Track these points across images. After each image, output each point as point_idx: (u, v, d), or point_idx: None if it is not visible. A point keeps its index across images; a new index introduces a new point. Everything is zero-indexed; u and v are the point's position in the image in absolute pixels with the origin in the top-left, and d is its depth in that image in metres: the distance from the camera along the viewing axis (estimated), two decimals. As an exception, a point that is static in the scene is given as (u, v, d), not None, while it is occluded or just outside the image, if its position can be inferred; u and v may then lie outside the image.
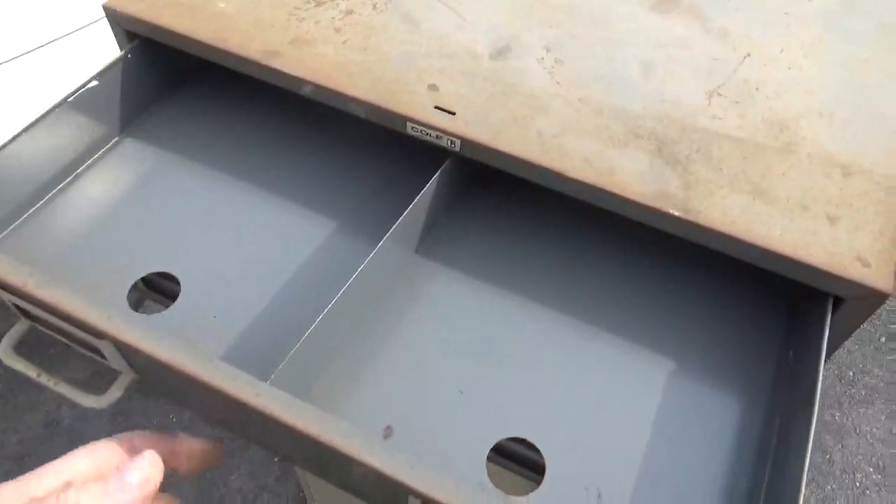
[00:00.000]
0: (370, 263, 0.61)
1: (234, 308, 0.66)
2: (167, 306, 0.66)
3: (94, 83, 0.73)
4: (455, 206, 0.75)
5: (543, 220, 0.75)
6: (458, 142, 0.65)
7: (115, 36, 0.79)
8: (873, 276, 0.55)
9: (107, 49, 0.80)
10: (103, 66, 0.74)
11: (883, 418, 2.16)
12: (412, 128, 0.67)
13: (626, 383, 0.63)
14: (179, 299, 0.66)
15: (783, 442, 0.56)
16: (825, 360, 0.57)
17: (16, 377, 2.06)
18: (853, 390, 2.20)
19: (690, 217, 0.59)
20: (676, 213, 0.60)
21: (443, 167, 0.67)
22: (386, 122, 0.68)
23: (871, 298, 0.55)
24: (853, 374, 2.23)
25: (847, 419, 2.15)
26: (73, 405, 1.63)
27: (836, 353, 2.35)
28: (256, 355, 0.62)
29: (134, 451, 0.43)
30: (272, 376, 0.53)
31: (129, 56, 0.76)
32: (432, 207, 0.70)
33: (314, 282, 0.67)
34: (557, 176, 0.63)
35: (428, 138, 0.67)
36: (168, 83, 0.84)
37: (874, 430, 2.14)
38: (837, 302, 0.58)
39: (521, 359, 0.64)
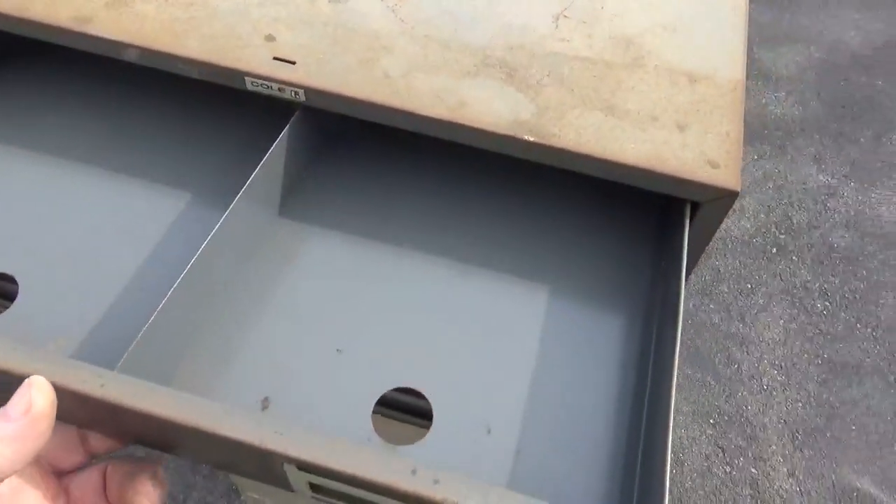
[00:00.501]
0: (221, 229, 0.57)
1: (82, 302, 0.61)
2: (5, 307, 0.60)
3: None
4: (314, 161, 0.72)
5: (405, 164, 0.73)
6: (301, 92, 0.62)
7: None
8: (723, 177, 0.56)
9: None
10: None
11: (781, 322, 2.30)
12: (252, 83, 0.63)
13: (506, 317, 0.62)
14: (18, 299, 0.60)
15: (658, 351, 0.57)
16: (692, 266, 0.58)
17: None
18: (752, 300, 2.33)
19: (545, 141, 0.58)
20: (531, 139, 0.59)
21: (291, 121, 0.63)
22: (223, 80, 0.64)
23: (724, 199, 0.57)
24: (751, 286, 2.35)
25: (751, 330, 2.27)
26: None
27: (735, 267, 2.46)
28: (109, 347, 0.57)
29: None
30: (119, 363, 0.49)
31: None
32: (289, 165, 0.66)
33: (165, 260, 0.63)
34: (409, 115, 0.60)
35: (270, 92, 0.63)
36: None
37: (774, 335, 2.28)
38: (695, 207, 0.59)
39: (399, 307, 0.62)
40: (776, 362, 2.19)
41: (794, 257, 2.42)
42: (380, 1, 0.69)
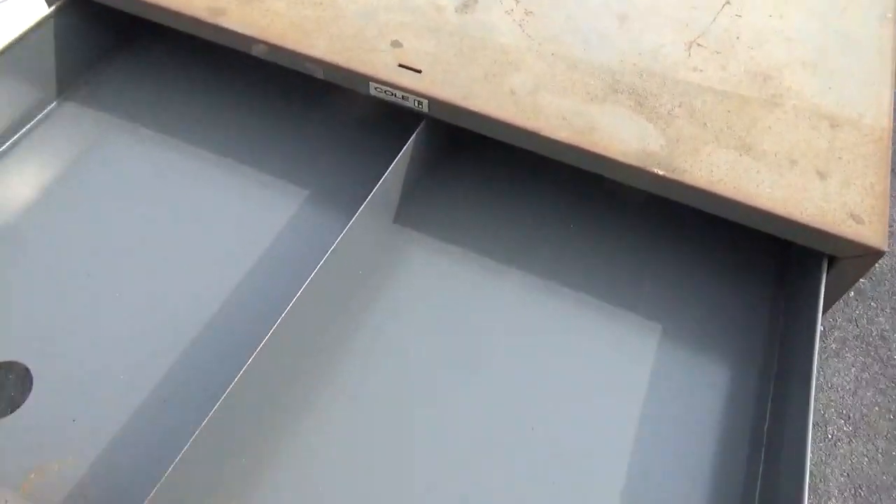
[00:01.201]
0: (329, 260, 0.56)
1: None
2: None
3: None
4: (430, 171, 0.71)
5: (520, 182, 0.71)
6: (425, 102, 0.61)
7: (45, -4, 0.72)
8: (868, 234, 0.53)
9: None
10: (31, 25, 0.67)
11: (853, 371, 2.19)
12: (375, 88, 0.62)
13: (612, 356, 0.60)
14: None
15: (779, 416, 0.54)
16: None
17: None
18: (824, 344, 2.23)
19: (676, 176, 0.56)
20: (661, 173, 0.56)
21: (415, 132, 0.62)
22: (347, 82, 0.63)
23: (867, 257, 0.53)
24: (824, 328, 2.25)
25: (819, 374, 2.18)
26: None
27: None
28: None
29: None
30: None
31: (58, 14, 0.69)
32: (407, 176, 0.65)
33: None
34: (534, 136, 0.59)
35: (393, 99, 0.62)
36: (109, 46, 0.78)
37: (844, 382, 2.17)
38: (831, 261, 0.56)
39: (501, 338, 0.61)
40: (844, 412, 2.09)
41: (872, 304, 2.30)
42: (507, 14, 0.68)
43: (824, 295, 0.55)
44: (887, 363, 2.22)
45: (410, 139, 0.61)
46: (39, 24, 0.67)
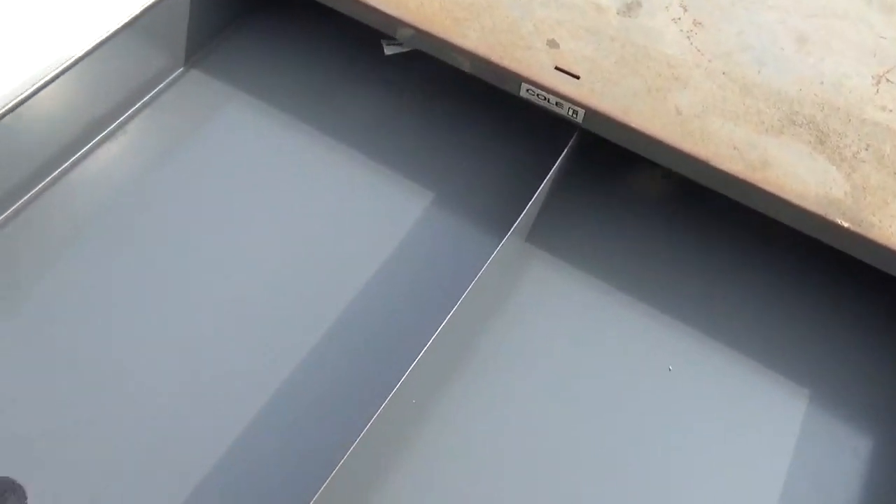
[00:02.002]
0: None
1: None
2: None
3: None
4: (564, 186, 0.65)
5: (664, 210, 0.65)
6: (581, 112, 0.55)
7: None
8: None
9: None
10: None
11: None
12: (528, 90, 0.57)
13: (751, 411, 0.54)
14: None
15: None
16: None
17: None
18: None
19: (862, 231, 0.49)
20: (845, 225, 0.50)
21: (568, 146, 0.57)
22: (496, 80, 0.58)
23: None
24: None
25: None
26: None
27: None
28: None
29: None
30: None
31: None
32: (550, 192, 0.60)
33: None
34: (701, 164, 0.53)
35: (545, 104, 0.57)
36: (240, 11, 0.74)
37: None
38: None
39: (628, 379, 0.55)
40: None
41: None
42: (673, 21, 0.61)
43: None
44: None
45: (563, 153, 0.55)
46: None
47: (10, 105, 0.55)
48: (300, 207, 0.61)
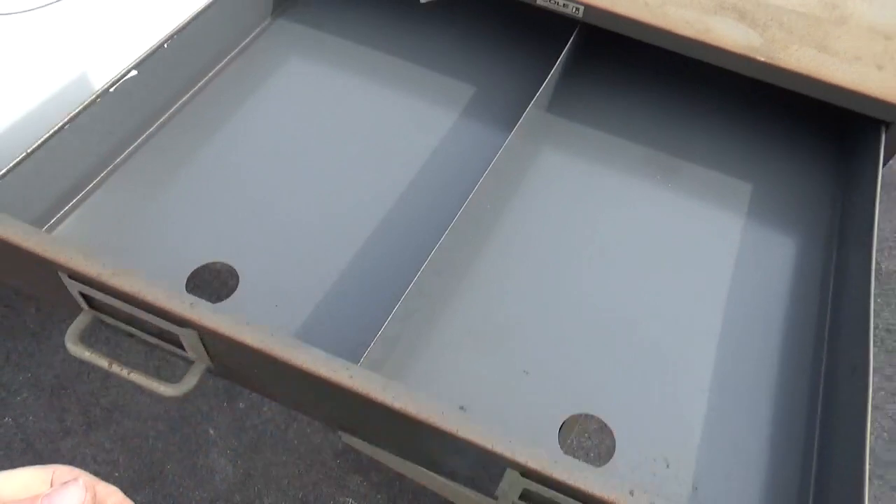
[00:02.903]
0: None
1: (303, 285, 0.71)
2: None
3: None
4: (574, 72, 0.91)
5: (644, 77, 0.92)
6: (582, 8, 0.81)
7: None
8: (915, 102, 0.73)
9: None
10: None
11: (862, 357, 2.36)
12: (542, -2, 0.82)
13: (702, 221, 0.79)
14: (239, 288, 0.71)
15: (842, 274, 0.72)
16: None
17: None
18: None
19: (773, 61, 0.76)
20: (762, 59, 0.76)
21: (573, 37, 0.83)
22: (518, -8, 0.83)
23: (913, 119, 0.73)
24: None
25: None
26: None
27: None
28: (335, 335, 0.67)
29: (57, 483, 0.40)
30: (363, 358, 0.57)
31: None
32: (561, 77, 0.85)
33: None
34: (667, 34, 0.79)
35: (556, 7, 0.82)
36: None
37: None
38: (887, 127, 0.75)
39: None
40: None
41: (878, 300, 2.49)
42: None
43: (881, 161, 0.75)
44: (892, 352, 2.40)
45: (568, 44, 0.81)
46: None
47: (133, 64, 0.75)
48: (357, 125, 0.84)
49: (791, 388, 0.66)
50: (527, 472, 0.48)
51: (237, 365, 0.59)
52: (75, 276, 0.55)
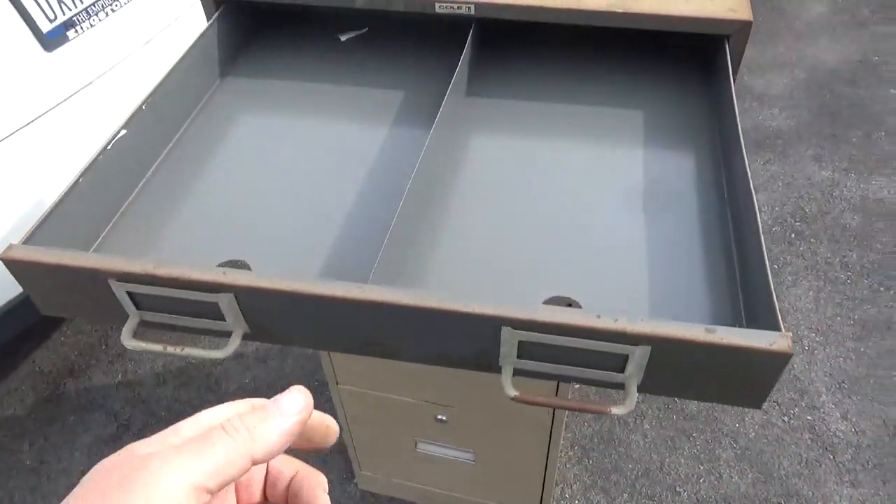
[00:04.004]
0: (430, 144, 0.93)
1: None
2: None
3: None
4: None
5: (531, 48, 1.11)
6: (472, 6, 1.00)
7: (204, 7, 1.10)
8: (743, 15, 0.92)
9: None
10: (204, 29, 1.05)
11: (811, 294, 2.57)
12: (440, 7, 1.01)
13: (604, 146, 0.97)
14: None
15: (731, 174, 0.90)
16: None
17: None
18: (781, 279, 2.61)
19: (629, 10, 0.95)
20: (620, 10, 0.96)
21: (471, 32, 1.01)
22: (418, 7, 1.02)
23: (745, 28, 0.92)
24: (778, 266, 2.64)
25: (785, 302, 2.54)
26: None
27: (771, 227, 2.71)
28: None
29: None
30: (370, 276, 0.71)
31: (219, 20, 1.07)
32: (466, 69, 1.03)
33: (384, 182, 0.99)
34: (547, 10, 0.98)
35: (452, 10, 1.01)
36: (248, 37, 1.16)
37: (806, 304, 2.54)
38: (728, 39, 0.95)
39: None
40: (813, 326, 2.44)
41: (811, 239, 2.72)
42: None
43: (731, 69, 0.94)
44: (836, 282, 2.62)
45: (469, 38, 1.00)
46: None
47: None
48: (307, 142, 1.01)
49: (711, 252, 0.82)
50: (517, 324, 0.60)
51: (267, 317, 0.71)
52: (124, 277, 0.68)
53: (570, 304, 0.75)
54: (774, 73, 3.46)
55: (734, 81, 0.95)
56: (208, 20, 1.10)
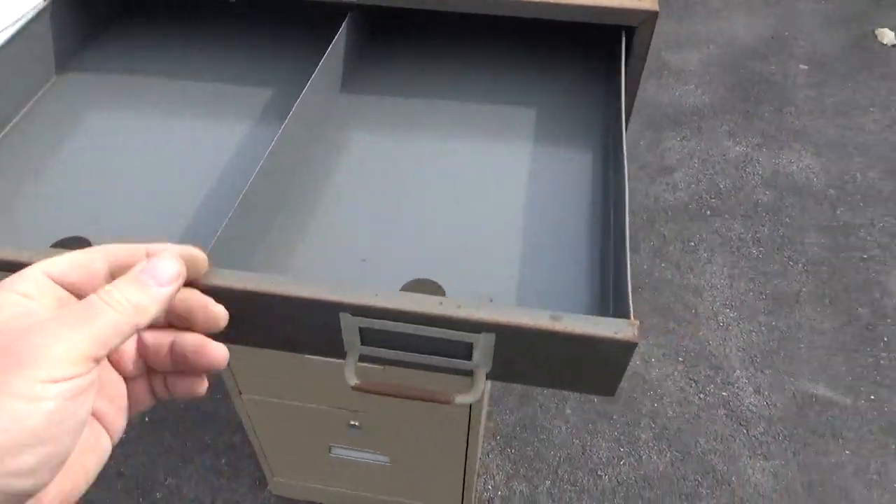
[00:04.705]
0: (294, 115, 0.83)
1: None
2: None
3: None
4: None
5: (422, 40, 1.02)
6: (355, -9, 0.89)
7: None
8: (647, 5, 0.86)
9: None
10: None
11: (725, 270, 2.61)
12: (314, -10, 0.90)
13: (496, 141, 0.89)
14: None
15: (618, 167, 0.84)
16: (633, 95, 0.87)
17: None
18: (697, 255, 2.64)
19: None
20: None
21: (346, 20, 0.91)
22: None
23: (650, 20, 0.86)
24: (694, 244, 2.67)
25: (700, 279, 2.57)
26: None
27: (678, 231, 2.76)
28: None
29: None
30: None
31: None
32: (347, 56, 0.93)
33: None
34: (435, -3, 0.89)
35: (330, -4, 0.90)
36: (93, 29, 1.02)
37: (721, 281, 2.58)
38: (630, 32, 0.88)
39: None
40: (727, 302, 2.49)
41: (726, 216, 2.76)
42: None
43: (634, 66, 0.88)
44: (749, 257, 2.67)
45: (343, 25, 0.89)
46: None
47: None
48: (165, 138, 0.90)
49: (590, 241, 0.76)
50: (355, 310, 0.53)
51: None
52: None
53: (436, 289, 0.69)
54: (691, 49, 3.48)
55: (641, 72, 0.89)
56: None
